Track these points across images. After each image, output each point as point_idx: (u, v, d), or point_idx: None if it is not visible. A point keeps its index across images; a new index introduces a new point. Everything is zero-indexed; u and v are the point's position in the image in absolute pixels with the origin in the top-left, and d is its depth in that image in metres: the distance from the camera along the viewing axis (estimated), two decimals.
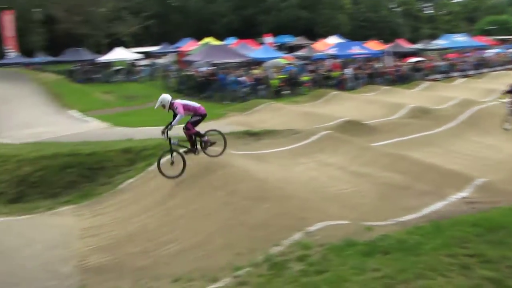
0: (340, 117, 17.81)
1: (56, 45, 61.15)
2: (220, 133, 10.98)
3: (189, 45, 48.90)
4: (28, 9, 59.70)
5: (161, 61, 46.39)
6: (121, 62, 43.03)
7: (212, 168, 10.72)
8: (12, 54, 47.41)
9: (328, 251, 6.49)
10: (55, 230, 9.52)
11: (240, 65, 33.35)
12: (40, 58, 46.25)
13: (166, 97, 10.78)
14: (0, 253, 8.39)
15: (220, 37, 57.20)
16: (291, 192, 9.58)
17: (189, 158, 10.71)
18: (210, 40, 47.78)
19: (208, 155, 10.55)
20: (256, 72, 30.09)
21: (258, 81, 27.83)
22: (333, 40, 47.95)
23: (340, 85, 30.24)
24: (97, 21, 53.46)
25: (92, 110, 25.20)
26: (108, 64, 42.87)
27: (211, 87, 28.61)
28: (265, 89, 27.84)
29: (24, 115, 24.27)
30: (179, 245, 8.19)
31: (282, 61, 33.48)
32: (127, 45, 57.27)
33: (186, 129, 10.48)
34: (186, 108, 10.37)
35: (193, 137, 10.48)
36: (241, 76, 28.49)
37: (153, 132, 16.11)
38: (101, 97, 30.30)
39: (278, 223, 7.97)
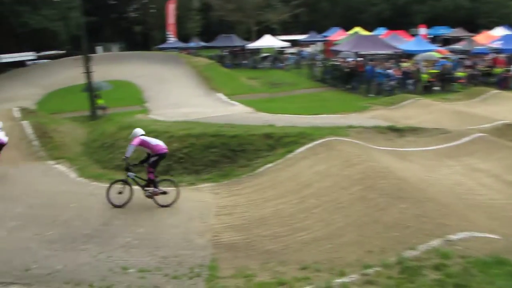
0: (498, 119, 16.06)
1: (209, 31, 65.40)
2: (174, 183, 10.55)
3: (337, 35, 48.42)
4: None
5: (308, 49, 46.67)
6: (268, 49, 44.26)
7: (352, 161, 10.54)
8: (172, 39, 52.15)
9: (471, 265, 5.98)
10: (195, 204, 10.23)
11: (389, 57, 32.01)
12: (195, 43, 49.85)
13: (135, 131, 10.65)
14: (150, 218, 9.42)
15: (369, 27, 55.44)
16: (432, 195, 9.00)
17: (328, 155, 10.62)
18: (359, 30, 46.70)
19: (157, 203, 10.15)
20: (406, 65, 28.59)
21: (407, 74, 26.39)
22: (500, 32, 43.11)
23: (503, 83, 27.06)
24: (249, 9, 55.55)
25: (238, 94, 26.38)
26: (256, 51, 44.48)
27: (356, 78, 27.97)
28: (413, 83, 26.30)
29: (176, 95, 26.50)
30: (310, 234, 8.23)
31: (435, 55, 31.24)
32: (275, 33, 58.78)
33: (147, 171, 10.33)
34: (142, 143, 10.29)
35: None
36: (389, 68, 27.32)
37: (295, 119, 16.43)
38: (247, 82, 31.50)
39: (414, 225, 7.57)
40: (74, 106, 24.89)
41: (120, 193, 10.06)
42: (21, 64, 41.44)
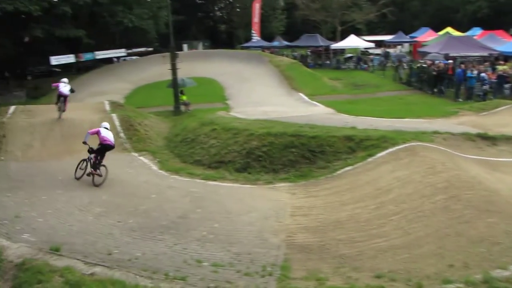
0: None
1: (293, 30, 65.54)
2: (106, 167, 12.01)
3: (426, 35, 46.37)
4: None
5: (394, 50, 45.23)
6: (353, 49, 43.43)
7: (436, 168, 10.06)
8: (255, 38, 52.88)
9: None
10: (271, 203, 10.28)
11: (483, 60, 30.08)
12: (278, 42, 50.10)
13: (101, 123, 12.91)
14: (225, 214, 9.61)
15: (461, 28, 52.34)
16: None
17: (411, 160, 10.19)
18: (450, 31, 44.37)
19: (93, 181, 11.78)
20: (503, 68, 26.64)
21: (504, 78, 24.54)
22: None
23: None
24: (334, 8, 54.83)
25: (319, 95, 26.14)
26: (340, 51, 43.84)
27: (444, 82, 26.58)
28: (511, 88, 24.44)
29: (258, 94, 26.82)
30: (387, 241, 7.99)
31: None
32: (360, 33, 57.54)
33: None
34: (96, 133, 12.10)
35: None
36: (483, 71, 25.60)
37: (377, 122, 15.92)
38: (329, 83, 31.11)
39: (505, 242, 7.07)
40: (159, 101, 26.14)
41: (81, 169, 12.14)
42: (112, 60, 44.43)
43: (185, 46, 56.98)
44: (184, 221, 9.33)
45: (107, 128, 12.61)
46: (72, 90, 17.54)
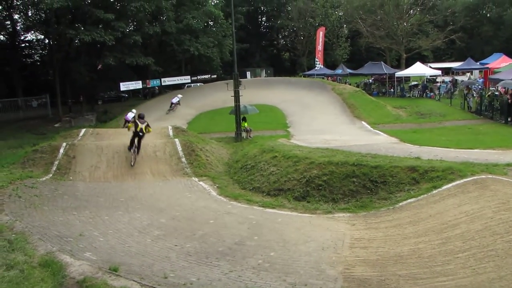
0: None
1: (357, 58, 65.32)
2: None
3: (499, 62, 44.26)
4: (337, 26, 65.71)
5: (463, 78, 43.56)
6: (418, 77, 42.35)
7: (510, 203, 9.37)
8: (318, 65, 53.06)
9: None
10: (329, 233, 10.00)
11: None
12: (341, 70, 49.83)
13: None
14: (282, 243, 9.45)
15: None
16: None
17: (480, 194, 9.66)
18: None
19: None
20: None
21: None
22: None
23: None
24: (399, 35, 54.05)
25: (383, 123, 25.61)
26: (404, 79, 42.88)
27: None
28: None
29: (319, 122, 26.69)
30: (453, 280, 7.45)
31: None
32: (426, 60, 56.17)
33: None
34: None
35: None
36: None
37: (444, 153, 15.28)
38: (393, 111, 30.42)
39: None
40: (221, 127, 26.67)
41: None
42: (178, 86, 46.27)
43: (248, 74, 58.32)
44: (240, 248, 9.28)
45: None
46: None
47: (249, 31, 70.39)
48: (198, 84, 47.91)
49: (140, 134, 16.25)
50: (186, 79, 47.66)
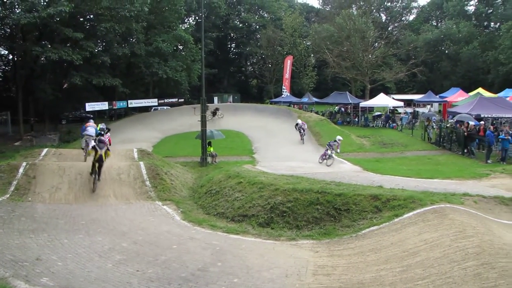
0: None
1: (323, 87, 66.79)
2: None
3: (456, 96, 46.25)
4: (305, 55, 67.26)
5: (423, 110, 45.11)
6: (381, 107, 43.59)
7: (467, 232, 9.66)
8: (285, 93, 53.92)
9: None
10: (293, 260, 10.03)
11: None
12: (307, 98, 50.78)
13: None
14: (246, 269, 9.43)
15: (492, 89, 52.22)
16: None
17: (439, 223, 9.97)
18: (481, 91, 44.16)
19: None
20: None
21: None
22: None
23: None
24: (364, 67, 55.69)
25: (346, 152, 26.11)
26: (368, 109, 44.05)
27: (475, 143, 26.15)
28: None
29: (286, 149, 26.97)
30: None
31: None
32: (389, 91, 57.97)
33: None
34: None
35: None
36: None
37: (405, 182, 15.65)
38: (357, 141, 31.07)
39: None
40: (187, 152, 26.58)
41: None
42: (144, 109, 45.93)
43: (215, 99, 58.69)
44: (203, 274, 9.19)
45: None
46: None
47: (218, 57, 71.08)
48: (165, 107, 47.75)
49: (100, 162, 15.96)
50: (153, 102, 47.48)
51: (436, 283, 8.16)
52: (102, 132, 23.24)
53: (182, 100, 50.33)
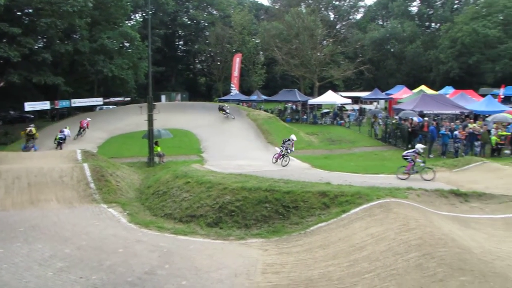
0: None
1: (272, 85, 67.25)
2: None
3: (401, 93, 47.85)
4: (254, 53, 67.42)
5: (370, 107, 46.31)
6: (329, 105, 44.36)
7: (410, 225, 9.96)
8: (234, 91, 53.82)
9: None
10: (242, 259, 9.99)
11: (455, 117, 31.01)
12: (256, 96, 50.92)
13: None
14: (194, 271, 9.27)
15: (434, 86, 54.60)
16: (499, 269, 8.21)
17: (385, 217, 10.10)
18: (424, 89, 45.91)
19: None
20: (473, 126, 27.43)
21: (474, 136, 25.23)
22: None
23: None
24: (313, 64, 56.48)
25: (295, 149, 26.24)
26: (317, 106, 44.70)
27: (418, 138, 27.13)
28: (481, 146, 25.06)
29: (234, 147, 26.89)
30: None
31: (509, 116, 29.64)
32: (337, 89, 59.15)
33: None
34: None
35: None
36: (455, 129, 26.31)
37: (352, 178, 15.95)
38: (306, 138, 31.45)
39: None
40: (133, 152, 25.98)
41: None
42: (89, 108, 44.37)
43: (163, 97, 57.80)
44: (151, 277, 8.95)
45: None
46: None
47: (166, 54, 69.97)
48: (111, 106, 46.36)
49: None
50: (98, 101, 46.00)
51: (381, 276, 8.35)
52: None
53: (129, 99, 49.15)
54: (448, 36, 62.34)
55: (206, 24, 73.84)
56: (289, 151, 21.20)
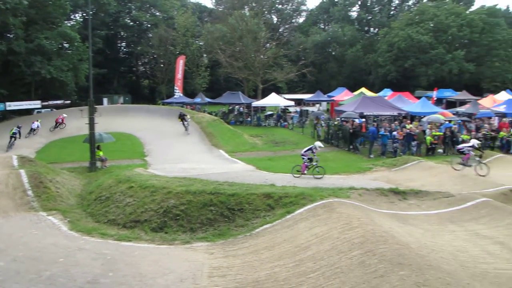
0: (503, 184, 15.82)
1: (216, 87, 67.09)
2: None
3: (342, 95, 49.19)
4: (198, 55, 66.95)
5: (312, 109, 47.23)
6: (273, 107, 44.85)
7: (353, 224, 10.22)
8: (178, 94, 53.20)
9: None
10: (188, 264, 9.85)
11: (393, 119, 32.29)
12: (200, 99, 50.65)
13: None
14: (139, 277, 9.05)
15: (373, 88, 56.71)
16: (434, 262, 8.61)
17: (328, 217, 10.38)
18: (364, 91, 47.45)
19: None
20: (410, 126, 28.71)
21: (411, 136, 26.42)
22: (503, 96, 43.76)
23: (507, 147, 27.18)
24: (256, 67, 56.87)
25: (240, 151, 26.48)
26: (260, 109, 45.05)
27: (359, 139, 28.02)
28: (417, 145, 26.30)
29: (178, 150, 26.63)
30: None
31: (442, 117, 31.35)
32: (281, 91, 59.90)
33: None
34: None
35: None
36: (393, 130, 27.43)
37: (296, 180, 16.20)
38: (250, 140, 31.67)
39: None
40: (74, 157, 25.11)
41: None
42: (26, 112, 42.28)
43: (105, 100, 56.20)
44: (93, 286, 8.61)
45: None
46: None
47: (108, 56, 67.97)
48: (50, 109, 44.45)
49: None
50: (36, 104, 43.83)
51: (326, 275, 8.51)
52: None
53: (69, 101, 47.24)
54: (385, 41, 64.95)
55: (149, 25, 72.35)
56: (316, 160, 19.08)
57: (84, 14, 61.72)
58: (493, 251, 10.02)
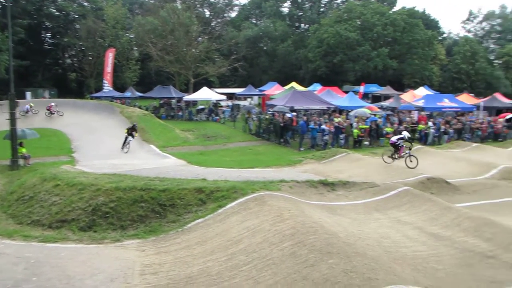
0: (421, 173, 16.86)
1: (147, 81, 65.62)
2: None
3: (273, 89, 49.89)
4: (128, 48, 65.04)
5: (244, 103, 47.49)
6: (205, 101, 44.64)
7: (283, 216, 10.39)
8: (107, 88, 51.47)
9: None
10: (118, 262, 9.58)
11: (323, 112, 33.22)
12: (130, 93, 49.39)
13: None
14: (66, 280, 8.66)
15: (304, 83, 58.05)
16: (360, 249, 8.99)
17: (260, 210, 10.47)
18: (295, 85, 48.40)
19: None
20: (338, 120, 29.72)
21: (339, 129, 27.36)
22: (422, 91, 46.59)
23: (425, 139, 29.01)
24: (188, 61, 56.24)
25: (171, 146, 26.12)
26: (192, 103, 44.67)
27: (290, 132, 28.57)
28: (345, 138, 27.29)
29: (107, 146, 25.79)
30: None
31: (368, 111, 32.75)
32: (212, 85, 59.71)
33: None
34: None
35: None
36: (322, 123, 28.25)
37: (228, 173, 16.23)
38: (181, 135, 31.33)
39: (343, 281, 7.48)
40: None
41: None
42: None
43: (28, 94, 53.21)
44: None
45: None
46: None
47: (31, 47, 64.07)
48: None
49: None
50: None
51: (258, 267, 8.60)
52: None
53: None
54: (315, 37, 66.66)
55: (76, 16, 68.98)
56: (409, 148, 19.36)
57: (3, 1, 57.72)
58: (412, 235, 10.65)
